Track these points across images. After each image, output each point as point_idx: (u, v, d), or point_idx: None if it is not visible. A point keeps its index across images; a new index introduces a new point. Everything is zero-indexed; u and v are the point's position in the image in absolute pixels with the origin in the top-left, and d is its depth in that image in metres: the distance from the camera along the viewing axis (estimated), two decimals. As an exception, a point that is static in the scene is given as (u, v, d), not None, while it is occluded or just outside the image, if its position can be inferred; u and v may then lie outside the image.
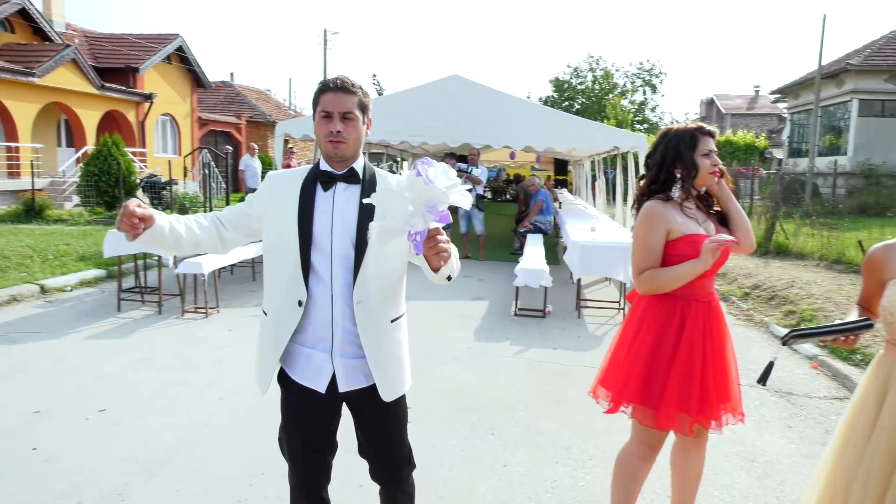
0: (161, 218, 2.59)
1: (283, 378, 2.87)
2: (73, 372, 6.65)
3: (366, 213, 2.56)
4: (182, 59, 33.22)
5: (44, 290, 10.13)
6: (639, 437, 3.49)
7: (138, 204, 2.47)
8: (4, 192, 22.32)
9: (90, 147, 25.30)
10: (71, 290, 10.43)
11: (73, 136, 27.91)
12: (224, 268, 11.97)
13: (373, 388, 2.75)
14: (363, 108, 2.67)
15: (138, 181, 21.78)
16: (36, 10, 26.55)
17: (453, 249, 2.42)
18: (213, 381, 6.47)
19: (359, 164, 2.72)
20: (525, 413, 5.94)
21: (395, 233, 2.22)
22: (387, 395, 2.76)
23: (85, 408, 5.74)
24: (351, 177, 2.69)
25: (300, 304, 2.60)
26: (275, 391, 3.03)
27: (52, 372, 6.67)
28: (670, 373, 3.27)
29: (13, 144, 24.30)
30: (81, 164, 22.38)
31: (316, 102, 2.68)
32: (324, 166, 2.72)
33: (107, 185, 21.02)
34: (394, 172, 2.87)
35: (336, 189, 2.66)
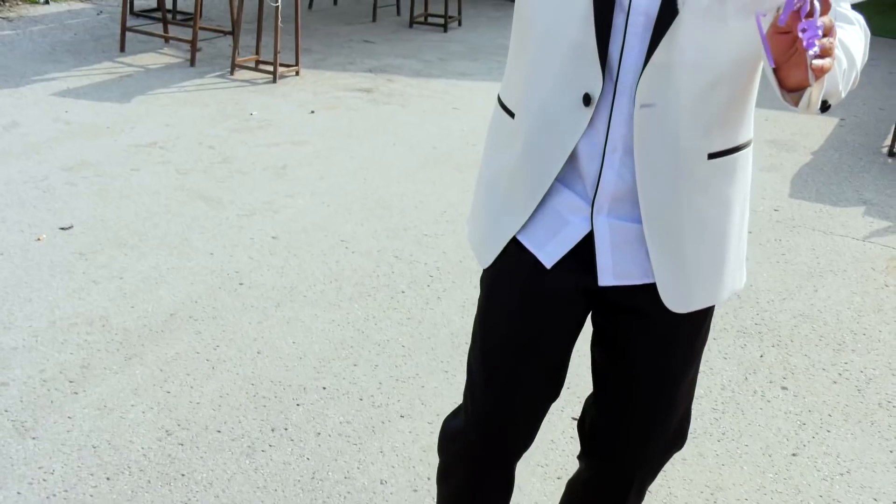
0: None
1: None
2: (27, 153, 5.21)
3: None
4: None
5: None
6: None
7: None
8: None
9: None
10: (46, 3, 8.76)
11: None
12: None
13: (651, 290, 2.03)
14: None
15: None
16: None
17: (845, 50, 1.77)
18: (266, 203, 4.85)
19: None
20: None
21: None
22: (678, 301, 2.03)
23: (38, 218, 4.44)
24: None
25: (587, 101, 1.93)
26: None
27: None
28: None
29: None
30: None
31: None
32: None
33: None
34: None
35: None
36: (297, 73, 6.98)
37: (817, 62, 1.54)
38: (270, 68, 6.85)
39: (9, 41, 7.02)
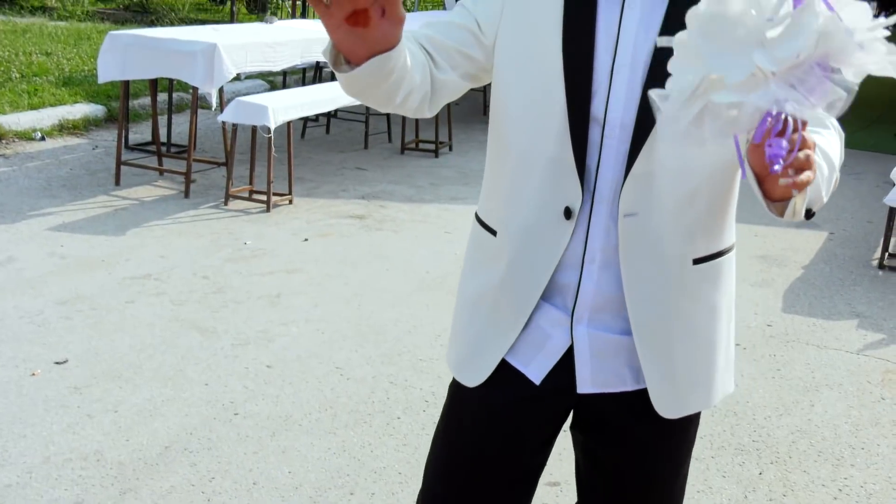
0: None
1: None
2: (22, 288, 5.25)
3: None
4: None
5: (-4, 132, 8.51)
6: None
7: None
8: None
9: None
10: (42, 139, 8.69)
11: None
12: (313, 118, 9.92)
13: (640, 397, 2.04)
14: None
15: None
16: None
17: (825, 156, 1.81)
18: (261, 332, 4.88)
19: None
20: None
21: (715, 118, 1.55)
22: (670, 407, 2.04)
23: (33, 353, 4.45)
24: None
25: (568, 214, 1.97)
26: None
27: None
28: None
29: None
30: None
31: None
32: None
33: None
34: None
35: None
36: (291, 202, 7.04)
37: (802, 177, 1.57)
38: (264, 198, 6.89)
39: (5, 177, 7.11)
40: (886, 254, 6.29)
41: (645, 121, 1.90)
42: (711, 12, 1.53)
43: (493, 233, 2.10)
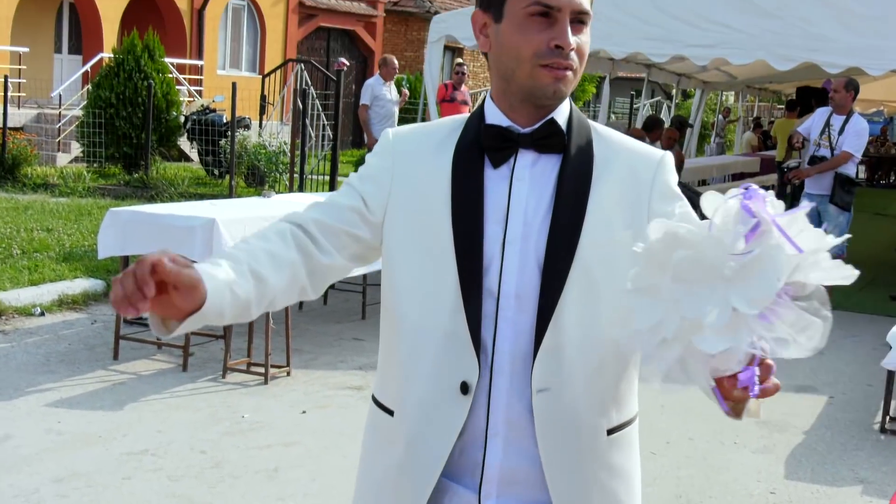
0: (216, 282, 1.76)
1: None
2: (18, 466, 5.17)
3: (567, 213, 1.90)
4: None
5: (-4, 309, 8.49)
6: None
7: (171, 257, 1.66)
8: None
9: (108, 55, 18.17)
10: (42, 315, 8.68)
11: (82, 33, 20.87)
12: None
13: None
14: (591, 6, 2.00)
15: (182, 118, 16.90)
16: None
17: None
18: None
19: (562, 114, 1.97)
20: None
21: (700, 362, 1.55)
22: None
23: None
24: (547, 139, 1.94)
25: (465, 389, 1.91)
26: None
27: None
28: None
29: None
30: (89, 86, 16.77)
31: None
32: (495, 118, 1.97)
33: (127, 125, 15.73)
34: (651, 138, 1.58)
35: (516, 163, 1.93)
36: (289, 374, 7.07)
37: (770, 388, 1.58)
38: (262, 370, 6.91)
39: (3, 353, 7.15)
40: (888, 417, 6.30)
41: (549, 295, 1.91)
42: (683, 255, 1.53)
43: (391, 413, 2.07)
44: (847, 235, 1.71)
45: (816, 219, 9.81)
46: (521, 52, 1.86)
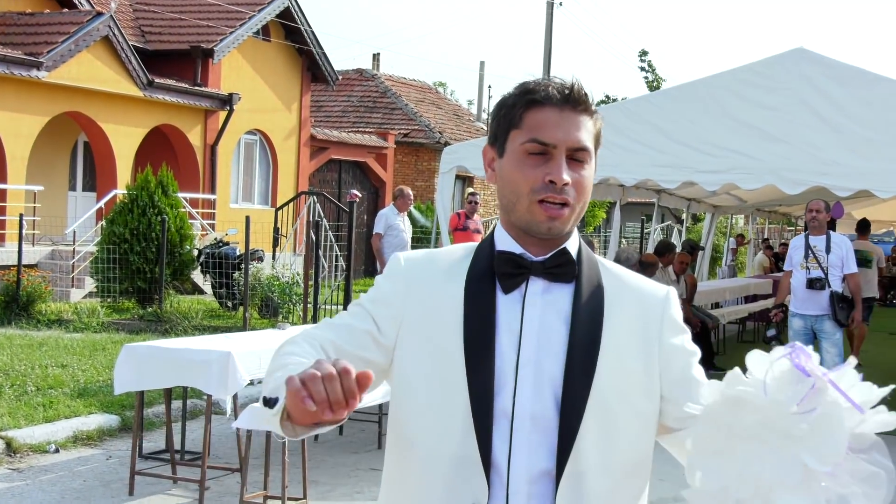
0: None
1: None
2: None
3: (584, 338, 1.92)
4: (288, 31, 24.71)
5: (11, 447, 8.51)
6: None
7: (345, 368, 1.64)
8: (-27, 272, 17.33)
9: (122, 191, 18.47)
10: (56, 452, 8.71)
11: (96, 170, 21.19)
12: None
13: None
14: (597, 142, 2.02)
15: (195, 251, 17.25)
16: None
17: None
18: None
19: (573, 245, 2.02)
20: None
21: None
22: None
23: None
24: (559, 267, 1.99)
25: None
26: None
27: None
28: None
29: (-4, 187, 18.44)
30: (103, 222, 17.31)
31: (516, 123, 1.99)
32: (507, 245, 2.02)
33: (141, 260, 16.01)
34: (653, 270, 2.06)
35: (527, 289, 1.96)
36: (305, 505, 7.08)
37: None
38: (279, 503, 6.91)
39: (18, 492, 7.23)
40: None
41: (570, 418, 1.92)
42: (753, 419, 1.57)
43: None
44: (854, 360, 1.73)
45: (812, 338, 9.97)
46: (520, 187, 1.92)
